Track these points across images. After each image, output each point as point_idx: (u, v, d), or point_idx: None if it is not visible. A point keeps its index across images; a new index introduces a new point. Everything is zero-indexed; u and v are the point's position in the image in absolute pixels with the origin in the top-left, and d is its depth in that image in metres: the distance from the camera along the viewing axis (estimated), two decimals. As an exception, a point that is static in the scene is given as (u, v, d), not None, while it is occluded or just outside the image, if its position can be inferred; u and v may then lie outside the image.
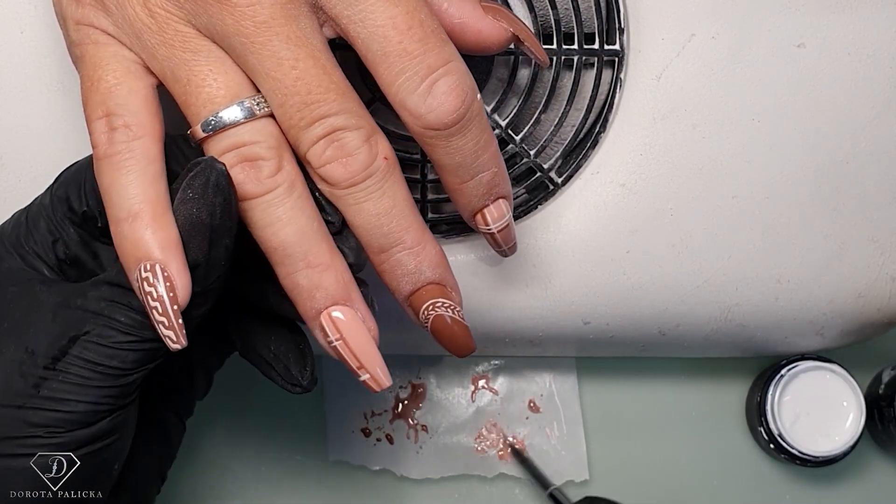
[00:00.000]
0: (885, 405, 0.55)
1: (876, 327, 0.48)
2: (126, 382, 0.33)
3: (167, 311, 0.32)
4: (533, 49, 0.38)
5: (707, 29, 0.44)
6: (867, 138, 0.45)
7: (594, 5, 0.44)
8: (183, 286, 0.32)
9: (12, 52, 0.43)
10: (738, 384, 0.58)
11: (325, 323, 0.34)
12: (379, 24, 0.33)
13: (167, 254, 0.32)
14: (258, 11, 0.32)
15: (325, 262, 0.34)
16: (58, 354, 0.33)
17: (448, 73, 0.33)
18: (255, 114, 0.33)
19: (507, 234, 0.38)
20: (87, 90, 0.33)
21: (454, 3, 0.36)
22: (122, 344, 0.33)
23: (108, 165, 0.32)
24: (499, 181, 0.36)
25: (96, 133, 0.33)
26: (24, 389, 0.32)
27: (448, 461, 0.57)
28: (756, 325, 0.47)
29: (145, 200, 0.32)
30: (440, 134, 0.34)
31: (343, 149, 0.33)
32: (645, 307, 0.46)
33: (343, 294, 0.34)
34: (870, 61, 0.45)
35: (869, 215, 0.46)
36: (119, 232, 0.32)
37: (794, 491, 0.58)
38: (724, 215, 0.45)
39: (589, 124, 0.45)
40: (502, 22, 0.37)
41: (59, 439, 0.33)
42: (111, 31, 0.33)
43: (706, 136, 0.45)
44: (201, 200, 0.32)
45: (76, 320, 0.33)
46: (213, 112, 0.33)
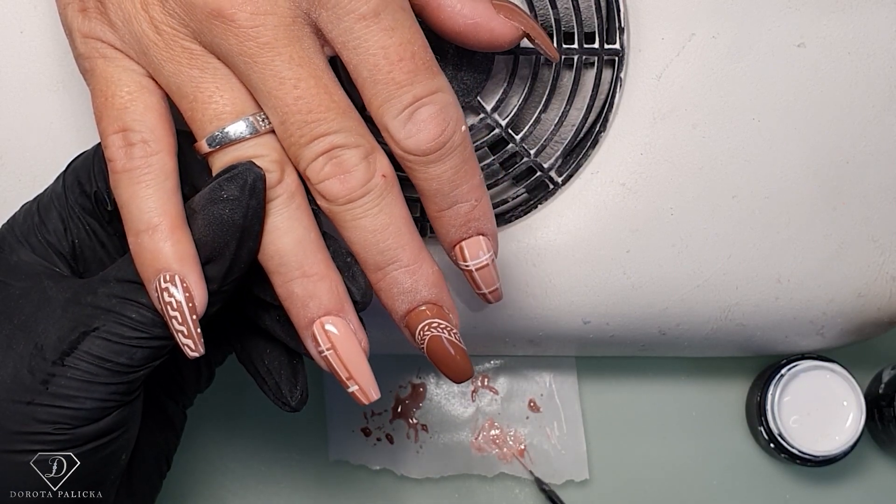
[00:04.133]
0: (885, 405, 0.55)
1: (876, 327, 0.48)
2: (133, 378, 0.34)
3: (186, 321, 0.33)
4: (543, 45, 0.39)
5: (707, 28, 0.44)
6: (867, 138, 0.45)
7: (594, 4, 0.44)
8: (200, 296, 0.33)
9: (12, 53, 0.43)
10: (738, 384, 0.58)
11: (317, 332, 0.35)
12: (371, 53, 0.33)
13: (185, 265, 0.33)
14: (261, 32, 0.33)
15: (320, 273, 0.34)
16: (67, 350, 0.33)
17: (433, 103, 0.34)
18: (259, 130, 0.34)
19: (487, 276, 0.38)
20: (102, 105, 0.34)
21: (467, 4, 0.37)
22: (132, 340, 0.33)
23: (126, 180, 0.33)
24: (478, 215, 0.36)
25: (113, 147, 0.34)
26: (33, 385, 0.33)
27: (448, 461, 0.57)
28: (756, 325, 0.47)
29: (164, 213, 0.33)
30: (418, 160, 0.35)
31: (341, 165, 0.34)
32: (645, 306, 0.46)
33: (336, 305, 0.35)
34: (870, 61, 0.45)
35: (869, 215, 0.46)
36: (138, 243, 0.33)
37: (794, 491, 0.58)
38: (724, 215, 0.45)
39: (589, 124, 0.45)
40: (514, 20, 0.38)
41: (66, 436, 0.33)
42: (118, 46, 0.34)
43: (706, 136, 0.45)
44: (237, 202, 0.33)
45: (86, 316, 0.33)
46: (220, 128, 0.34)
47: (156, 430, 0.39)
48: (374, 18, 0.33)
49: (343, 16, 0.33)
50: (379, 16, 0.33)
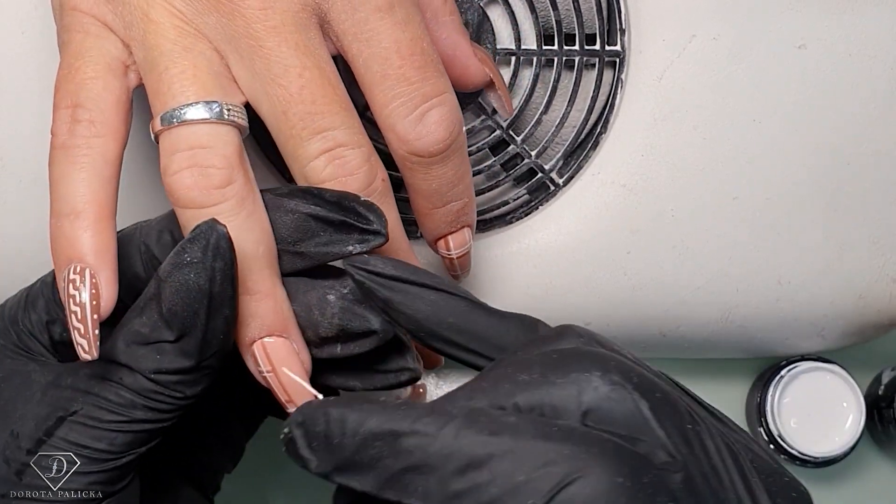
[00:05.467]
0: (885, 406, 0.55)
1: (877, 328, 0.48)
2: (115, 467, 0.31)
3: (85, 318, 0.30)
4: (503, 98, 0.41)
5: (708, 30, 0.44)
6: (868, 139, 0.45)
7: (595, 6, 0.44)
8: (108, 297, 0.30)
9: (13, 53, 0.42)
10: (738, 385, 0.58)
11: (257, 352, 0.33)
12: (384, 46, 0.33)
13: (100, 261, 0.31)
14: (270, 16, 0.32)
15: (263, 291, 0.32)
16: (42, 437, 0.31)
17: (441, 104, 0.34)
18: (223, 118, 0.32)
19: (465, 261, 0.39)
20: (63, 77, 0.32)
21: (451, 37, 0.38)
22: (111, 425, 0.31)
23: (62, 157, 0.31)
24: (468, 211, 0.37)
25: (59, 122, 0.32)
26: (8, 476, 0.31)
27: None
28: (757, 327, 0.47)
29: (92, 201, 0.31)
30: (423, 161, 0.34)
31: (344, 167, 0.33)
32: (645, 308, 0.46)
33: (279, 325, 0.32)
34: (871, 62, 0.45)
35: (870, 216, 0.46)
36: (57, 227, 0.31)
37: (793, 491, 0.58)
38: (724, 216, 0.45)
39: (590, 125, 0.45)
40: (486, 65, 0.39)
41: None
42: (107, 20, 0.33)
43: (707, 137, 0.45)
44: (200, 265, 0.30)
45: (65, 399, 0.31)
46: (179, 105, 0.31)
47: None
48: (388, 11, 0.33)
49: (359, 6, 0.32)
50: (393, 9, 0.33)
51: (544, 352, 0.28)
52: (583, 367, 0.27)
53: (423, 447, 0.26)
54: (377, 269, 0.31)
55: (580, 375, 0.27)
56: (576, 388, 0.27)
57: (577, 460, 0.25)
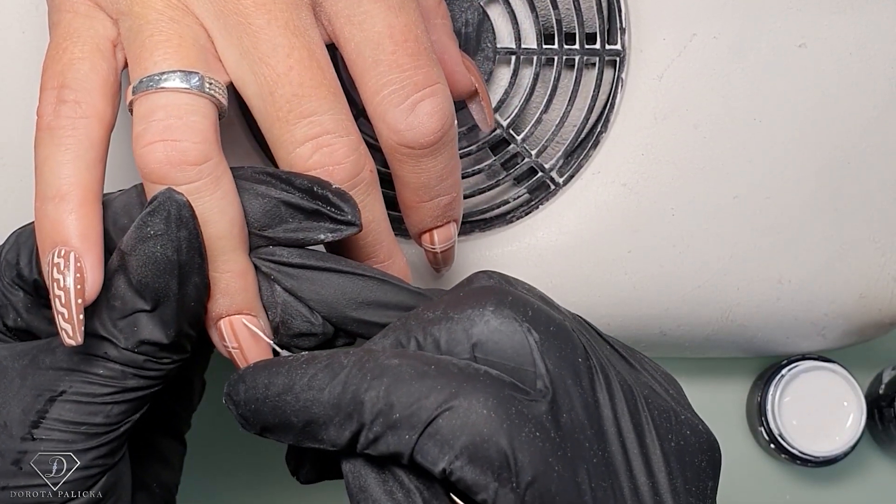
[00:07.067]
0: (885, 405, 0.55)
1: (877, 328, 0.48)
2: (114, 437, 0.31)
3: (70, 303, 0.29)
4: (486, 109, 0.40)
5: (708, 29, 0.44)
6: (869, 138, 0.45)
7: (595, 5, 0.44)
8: (93, 281, 0.30)
9: (13, 52, 0.42)
10: (738, 384, 0.58)
11: (223, 328, 0.32)
12: (377, 31, 0.32)
13: (85, 244, 0.30)
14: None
15: (235, 271, 0.32)
16: (35, 421, 0.30)
17: (434, 95, 0.33)
18: (204, 90, 0.31)
19: (449, 255, 0.38)
20: (50, 58, 0.32)
21: (441, 41, 0.37)
22: (105, 398, 0.31)
23: (48, 138, 0.31)
24: (455, 205, 0.36)
25: (45, 103, 0.31)
26: (4, 468, 0.30)
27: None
28: (757, 326, 0.47)
29: (76, 184, 0.30)
30: (413, 152, 0.34)
31: (331, 156, 0.32)
32: (646, 307, 0.46)
33: (248, 304, 0.32)
34: (871, 62, 0.45)
35: (870, 216, 0.46)
36: (42, 210, 0.30)
37: (794, 491, 0.58)
38: (725, 215, 0.45)
39: (590, 124, 0.45)
40: (472, 75, 0.39)
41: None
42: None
43: (707, 136, 0.45)
44: (165, 237, 0.30)
45: (49, 381, 0.31)
46: (160, 71, 0.31)
47: (152, 478, 0.37)
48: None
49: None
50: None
51: (453, 292, 0.31)
52: (478, 303, 0.29)
53: (317, 400, 0.29)
54: (282, 258, 0.32)
55: (474, 311, 0.29)
56: (468, 323, 0.29)
57: (447, 394, 0.28)
